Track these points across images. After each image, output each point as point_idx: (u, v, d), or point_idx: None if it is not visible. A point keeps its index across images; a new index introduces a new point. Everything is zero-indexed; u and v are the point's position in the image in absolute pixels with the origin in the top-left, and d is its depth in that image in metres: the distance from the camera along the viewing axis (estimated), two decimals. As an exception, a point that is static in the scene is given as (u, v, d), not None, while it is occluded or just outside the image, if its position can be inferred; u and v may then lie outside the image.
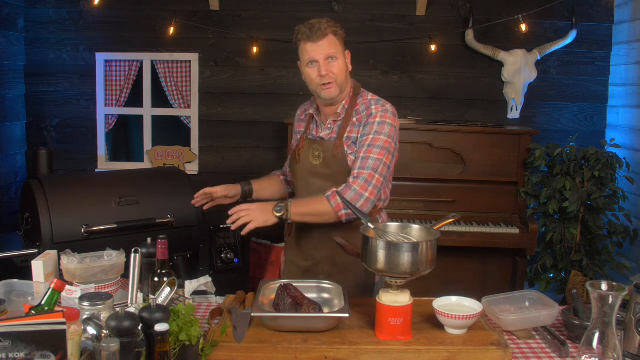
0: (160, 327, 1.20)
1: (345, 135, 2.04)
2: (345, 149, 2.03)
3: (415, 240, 1.62)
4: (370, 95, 2.10)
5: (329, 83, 1.99)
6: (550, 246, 3.56)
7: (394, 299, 1.55)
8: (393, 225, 1.71)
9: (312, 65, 2.01)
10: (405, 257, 1.51)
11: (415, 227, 1.69)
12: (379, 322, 1.57)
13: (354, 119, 2.05)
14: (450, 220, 1.73)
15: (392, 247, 1.52)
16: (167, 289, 1.49)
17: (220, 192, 2.25)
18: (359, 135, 2.02)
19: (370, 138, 1.97)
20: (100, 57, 4.14)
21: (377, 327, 1.58)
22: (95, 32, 4.11)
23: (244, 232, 1.92)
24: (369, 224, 1.64)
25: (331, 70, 1.99)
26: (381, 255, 1.53)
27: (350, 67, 2.09)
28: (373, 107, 2.03)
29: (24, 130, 4.14)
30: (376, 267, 1.54)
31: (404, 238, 1.65)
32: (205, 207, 2.25)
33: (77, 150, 4.21)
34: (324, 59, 1.98)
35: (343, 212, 1.92)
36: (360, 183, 1.92)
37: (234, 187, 2.30)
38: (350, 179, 1.95)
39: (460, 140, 3.61)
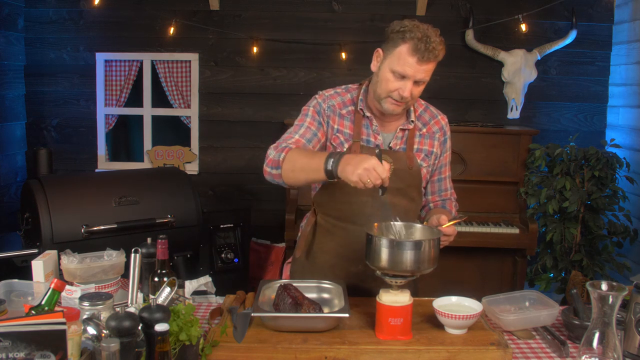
0: (160, 327, 1.20)
1: (416, 147, 1.90)
2: (419, 161, 1.90)
3: (418, 239, 1.62)
4: (421, 100, 1.98)
5: (402, 103, 1.78)
6: (550, 246, 3.56)
7: (394, 299, 1.55)
8: (397, 225, 1.70)
9: (397, 77, 1.74)
10: (408, 255, 1.51)
11: (419, 227, 1.69)
12: (379, 322, 1.57)
13: (424, 130, 1.93)
14: (457, 221, 1.75)
15: (395, 245, 1.52)
16: (167, 289, 1.49)
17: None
18: (439, 151, 1.96)
19: (448, 154, 2.01)
20: (100, 57, 4.14)
21: (377, 327, 1.58)
22: (95, 32, 4.11)
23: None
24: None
25: (413, 93, 1.77)
26: (384, 253, 1.53)
27: None
28: (439, 116, 1.97)
29: (24, 130, 4.14)
30: (379, 265, 1.55)
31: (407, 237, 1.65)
32: None
33: (77, 150, 4.21)
34: (415, 81, 1.75)
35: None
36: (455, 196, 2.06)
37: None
38: (450, 197, 2.04)
39: (460, 140, 3.61)
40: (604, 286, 1.28)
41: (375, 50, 1.83)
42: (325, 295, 1.79)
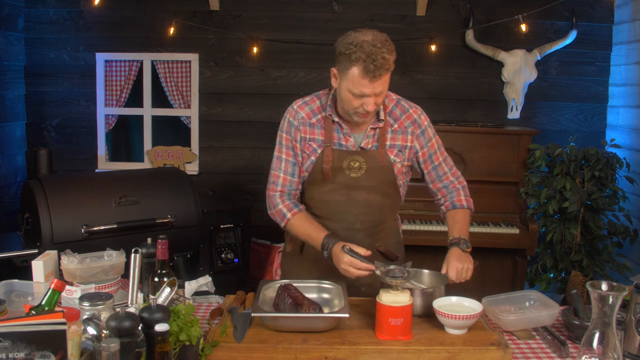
0: (160, 327, 1.20)
1: (388, 143, 1.95)
2: (393, 157, 1.95)
3: (425, 287, 1.81)
4: (392, 95, 2.01)
5: (369, 113, 1.84)
6: (551, 246, 3.56)
7: (394, 299, 1.55)
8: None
9: (357, 97, 1.79)
10: (418, 302, 1.70)
11: (426, 273, 1.88)
12: (379, 322, 1.57)
13: (395, 126, 1.96)
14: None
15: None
16: (167, 289, 1.49)
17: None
18: (420, 147, 1.98)
19: (434, 142, 2.02)
20: (100, 57, 4.14)
21: (377, 327, 1.58)
22: (95, 32, 4.11)
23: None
24: (376, 272, 1.66)
25: (377, 102, 1.81)
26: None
27: None
28: (411, 110, 1.99)
29: (24, 130, 4.14)
30: None
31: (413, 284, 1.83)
32: None
33: (77, 150, 4.21)
34: (375, 94, 1.79)
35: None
36: (461, 177, 2.08)
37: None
38: (452, 178, 2.05)
39: (460, 140, 3.61)
40: (604, 286, 1.28)
41: (331, 69, 1.85)
42: (325, 295, 1.80)
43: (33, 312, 1.43)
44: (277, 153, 2.02)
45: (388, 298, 1.56)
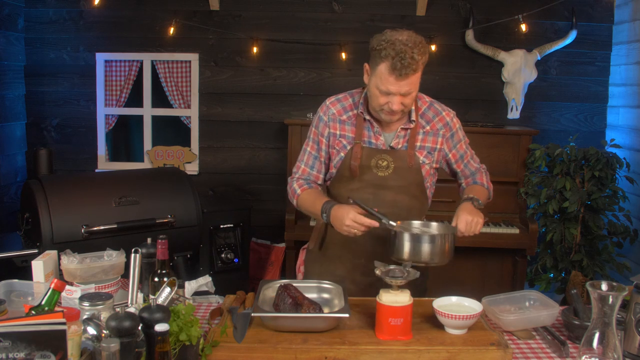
0: (160, 327, 1.20)
1: (418, 144, 1.95)
2: (421, 158, 1.95)
3: (435, 233, 1.82)
4: (426, 97, 2.03)
5: (396, 113, 1.84)
6: (551, 246, 3.56)
7: (394, 299, 1.55)
8: (416, 223, 1.89)
9: (383, 93, 1.80)
10: (426, 247, 1.73)
11: (434, 224, 1.88)
12: (379, 322, 1.57)
13: (427, 127, 1.96)
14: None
15: (415, 239, 1.74)
16: (167, 289, 1.49)
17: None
18: (449, 149, 2.01)
19: (463, 143, 2.05)
20: (100, 57, 4.14)
21: (377, 327, 1.58)
22: (95, 32, 4.11)
23: None
24: (391, 222, 1.75)
25: (404, 103, 1.81)
26: (406, 246, 1.74)
27: None
28: (444, 112, 2.00)
29: (24, 130, 4.15)
30: (402, 257, 1.74)
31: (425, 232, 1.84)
32: None
33: (77, 150, 4.21)
34: (402, 94, 1.79)
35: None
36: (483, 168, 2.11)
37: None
38: (477, 165, 2.08)
39: (460, 140, 3.61)
40: (604, 286, 1.28)
41: (364, 65, 1.89)
42: (325, 295, 1.80)
43: (33, 312, 1.43)
44: (304, 146, 2.06)
45: (388, 298, 1.56)
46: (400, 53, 1.72)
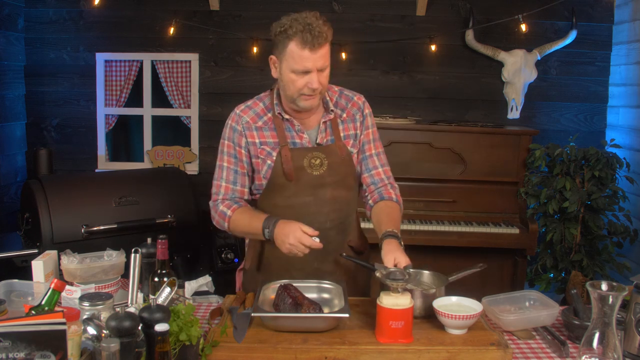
0: (160, 327, 1.20)
1: (342, 134, 1.92)
2: (349, 148, 1.93)
3: (427, 287, 1.79)
4: (334, 87, 1.99)
5: (316, 95, 1.80)
6: (551, 246, 3.56)
7: (395, 301, 1.54)
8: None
9: (300, 74, 1.75)
10: (418, 303, 1.68)
11: (426, 273, 1.85)
12: (379, 325, 1.56)
13: (344, 115, 1.94)
14: (474, 271, 1.84)
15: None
16: (167, 289, 1.49)
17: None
18: (360, 132, 1.96)
19: (370, 132, 1.99)
20: (100, 57, 4.14)
21: (378, 330, 1.57)
22: (95, 32, 4.11)
23: None
24: (377, 274, 1.63)
25: (321, 81, 1.77)
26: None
27: None
28: (355, 97, 1.99)
29: (24, 130, 4.14)
30: None
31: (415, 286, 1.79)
32: None
33: (77, 150, 4.21)
34: (318, 69, 1.75)
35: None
36: (394, 181, 2.01)
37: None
38: (384, 176, 1.97)
39: (460, 140, 3.61)
40: (604, 286, 1.28)
41: (269, 58, 1.85)
42: (325, 295, 1.80)
43: (33, 312, 1.43)
44: (218, 162, 1.93)
45: (389, 301, 1.54)
46: (307, 25, 1.72)
